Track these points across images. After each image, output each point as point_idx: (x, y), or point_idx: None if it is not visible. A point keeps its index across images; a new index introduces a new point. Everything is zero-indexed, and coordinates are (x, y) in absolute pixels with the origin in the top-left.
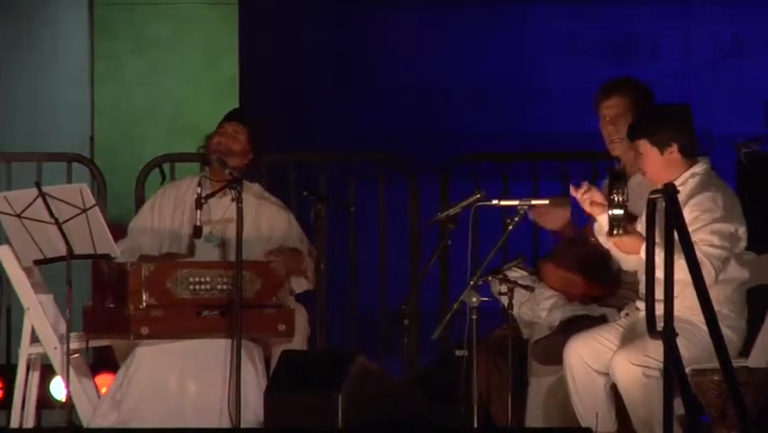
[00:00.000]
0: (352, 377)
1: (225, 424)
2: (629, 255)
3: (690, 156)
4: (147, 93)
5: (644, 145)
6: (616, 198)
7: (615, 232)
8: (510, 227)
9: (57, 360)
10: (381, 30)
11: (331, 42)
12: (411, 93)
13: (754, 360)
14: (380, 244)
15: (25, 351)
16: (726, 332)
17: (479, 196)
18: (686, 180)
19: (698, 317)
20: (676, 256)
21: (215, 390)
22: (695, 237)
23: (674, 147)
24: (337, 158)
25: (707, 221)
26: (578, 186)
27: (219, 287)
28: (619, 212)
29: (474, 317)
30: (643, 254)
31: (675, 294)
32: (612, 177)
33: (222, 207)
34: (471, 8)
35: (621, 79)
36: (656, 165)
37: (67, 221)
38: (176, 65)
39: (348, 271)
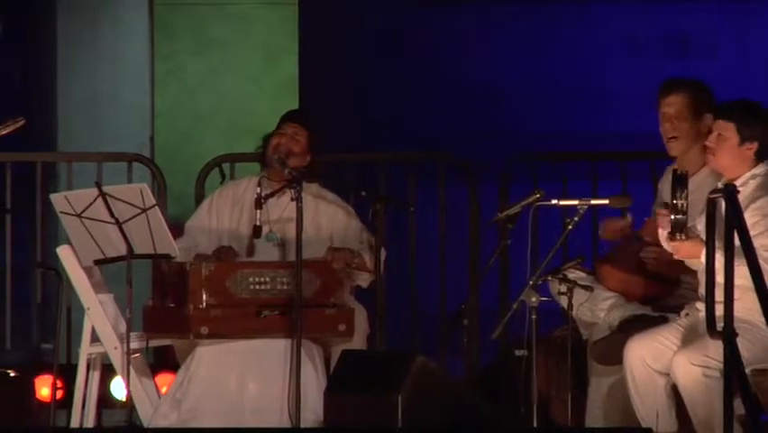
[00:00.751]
0: (412, 377)
1: (285, 424)
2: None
3: (760, 158)
4: (207, 93)
5: (728, 128)
6: (679, 203)
7: (677, 237)
8: (569, 227)
9: (117, 360)
10: (441, 30)
11: (391, 42)
12: (471, 93)
13: None
14: (440, 244)
15: (85, 351)
16: None
17: (538, 196)
18: (746, 182)
19: (758, 318)
20: (736, 261)
21: (275, 389)
22: (756, 243)
23: (755, 144)
24: (397, 158)
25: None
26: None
27: (279, 287)
28: (682, 217)
29: (534, 316)
30: (703, 257)
31: (735, 297)
32: (675, 181)
33: (280, 206)
34: (530, 7)
35: (681, 78)
36: (729, 153)
37: (127, 221)
38: (236, 66)
39: (408, 270)
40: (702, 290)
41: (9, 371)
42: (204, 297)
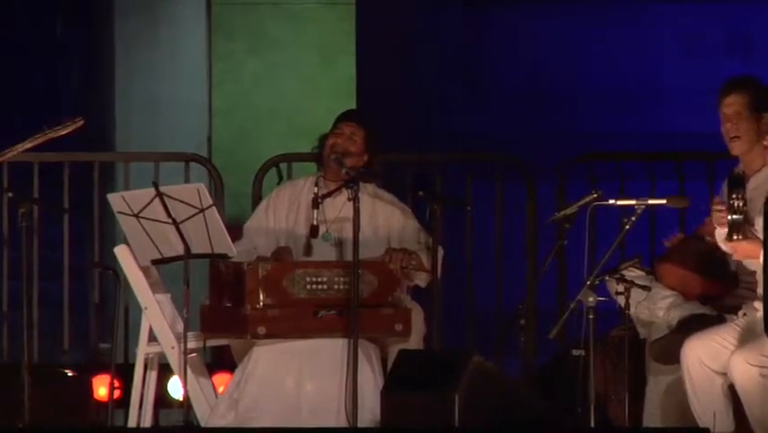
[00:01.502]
0: (469, 377)
1: (342, 424)
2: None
3: None
4: (264, 93)
5: None
6: (735, 204)
7: (734, 237)
8: (627, 227)
9: (174, 359)
10: (499, 30)
11: (448, 43)
12: (528, 93)
13: None
14: (497, 244)
15: (143, 350)
16: None
17: (595, 195)
18: None
19: None
20: None
21: (332, 389)
22: None
23: None
24: (454, 158)
25: None
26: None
27: (336, 286)
28: (739, 217)
29: (591, 316)
30: (762, 257)
31: None
32: (731, 181)
33: (337, 206)
34: (588, 8)
35: (741, 78)
36: None
37: (184, 221)
38: (293, 65)
39: (464, 270)
40: (760, 290)
41: (67, 370)
42: (261, 297)
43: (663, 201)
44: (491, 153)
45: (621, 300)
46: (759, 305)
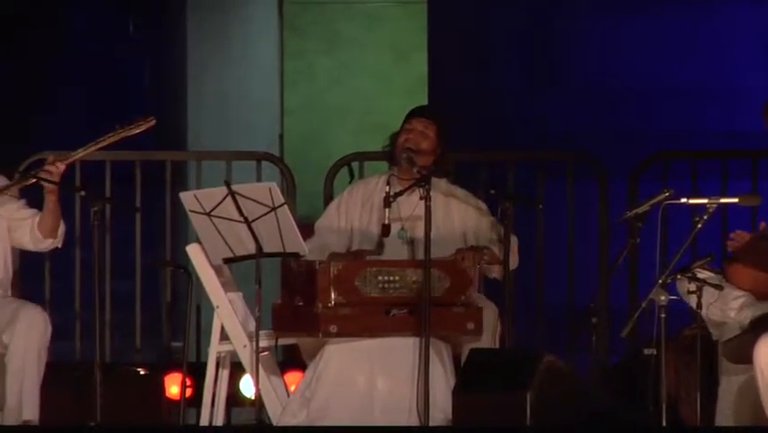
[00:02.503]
0: (541, 376)
1: (414, 422)
2: None
3: None
4: (336, 92)
5: None
6: None
7: None
8: (699, 226)
9: (246, 358)
10: (572, 27)
11: (521, 40)
12: (601, 91)
13: None
14: (569, 243)
15: (215, 349)
16: None
17: (667, 194)
18: None
19: None
20: None
21: (404, 388)
22: None
23: None
24: (526, 156)
25: None
26: None
27: (408, 285)
28: None
29: (663, 315)
30: None
31: None
32: None
33: (411, 204)
34: (664, 6)
35: None
36: None
37: (256, 219)
38: (365, 64)
39: (536, 269)
40: None
41: (139, 369)
42: (333, 295)
43: (736, 200)
44: (563, 151)
45: (693, 300)
46: None
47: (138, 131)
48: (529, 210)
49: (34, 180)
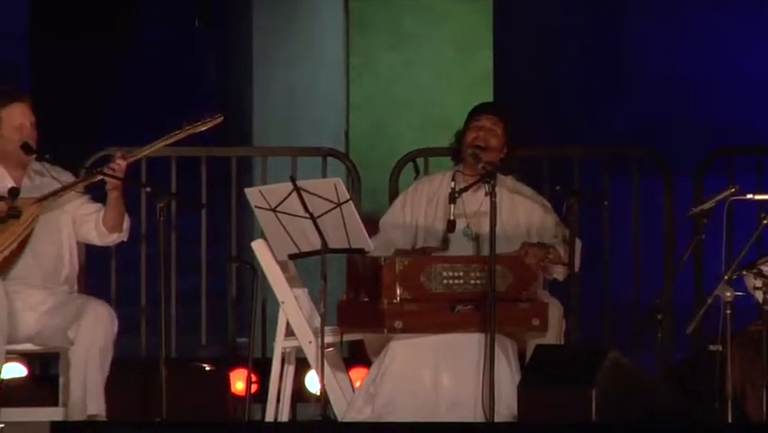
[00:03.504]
0: (606, 372)
1: (479, 418)
2: None
3: None
4: (402, 88)
5: None
6: None
7: None
8: (765, 222)
9: (311, 354)
10: (637, 23)
11: (586, 36)
12: (666, 86)
13: None
14: (634, 239)
15: (280, 345)
16: None
17: (733, 190)
18: None
19: None
20: None
21: (469, 384)
22: None
23: None
24: (591, 152)
25: None
26: None
27: (472, 281)
28: None
29: (728, 311)
30: None
31: None
32: None
33: (477, 200)
34: (728, 0)
35: None
36: None
37: (321, 215)
38: (430, 60)
39: (601, 265)
40: None
41: (205, 365)
42: (398, 291)
43: None
44: (629, 147)
45: (759, 296)
46: None
47: (204, 128)
48: (594, 207)
49: (100, 177)
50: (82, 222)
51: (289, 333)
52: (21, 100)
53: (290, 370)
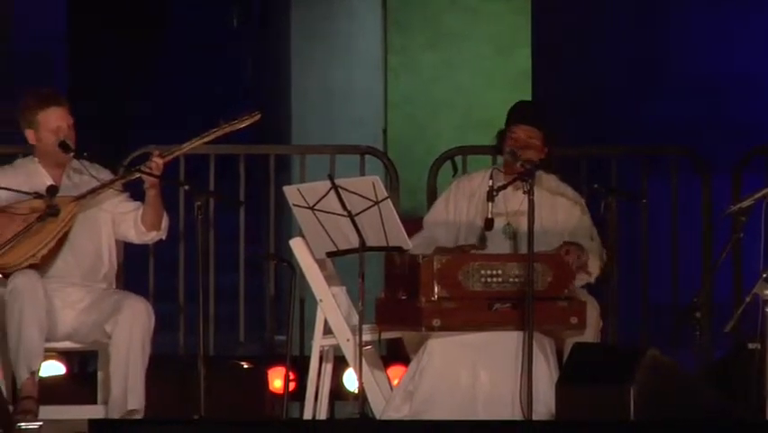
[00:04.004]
0: (644, 370)
1: (517, 416)
2: None
3: None
4: (440, 86)
5: None
6: None
7: None
8: None
9: (349, 352)
10: (675, 21)
11: (624, 34)
12: (703, 85)
13: None
14: (672, 237)
15: (318, 343)
16: None
17: None
18: None
19: None
20: None
21: (507, 382)
22: None
23: None
24: (629, 151)
25: None
26: None
27: (511, 279)
28: None
29: (767, 309)
30: None
31: None
32: None
33: (517, 199)
34: None
35: None
36: None
37: (359, 213)
38: (468, 59)
39: (639, 263)
40: None
41: (243, 363)
42: (436, 289)
43: None
44: (666, 146)
45: None
46: None
47: (242, 126)
48: (632, 205)
49: (137, 175)
50: (120, 220)
51: (327, 331)
52: (58, 104)
53: (328, 368)
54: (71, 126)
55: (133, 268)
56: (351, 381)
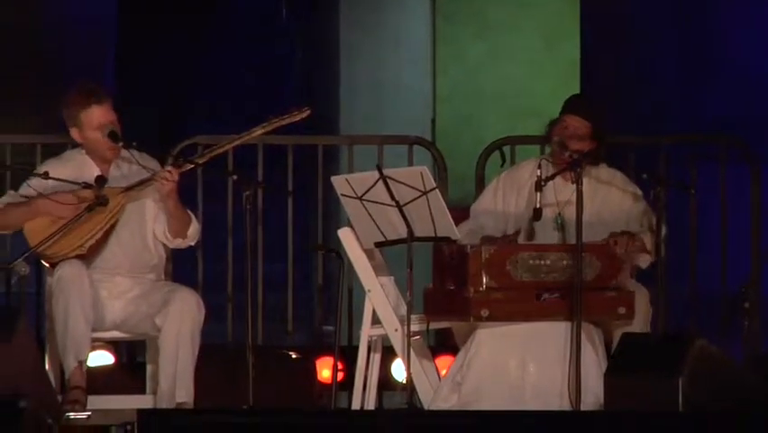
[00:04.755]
0: (693, 360)
1: (566, 407)
2: None
3: None
4: (488, 77)
5: None
6: None
7: None
8: None
9: (398, 342)
10: (725, 12)
11: (673, 24)
12: (753, 75)
13: None
14: (721, 227)
15: (366, 333)
16: None
17: None
18: None
19: None
20: None
21: (555, 373)
22: None
23: None
24: (678, 140)
25: None
26: None
27: (559, 269)
28: None
29: None
30: None
31: None
32: None
33: (568, 189)
34: None
35: None
36: None
37: (407, 204)
38: (517, 49)
39: (688, 253)
40: None
41: (291, 353)
42: (484, 279)
43: None
44: (716, 136)
45: None
46: None
47: (291, 121)
48: (681, 195)
49: (151, 184)
50: (157, 222)
51: (376, 321)
52: (99, 102)
53: (376, 358)
54: (114, 122)
55: (182, 258)
56: (399, 371)
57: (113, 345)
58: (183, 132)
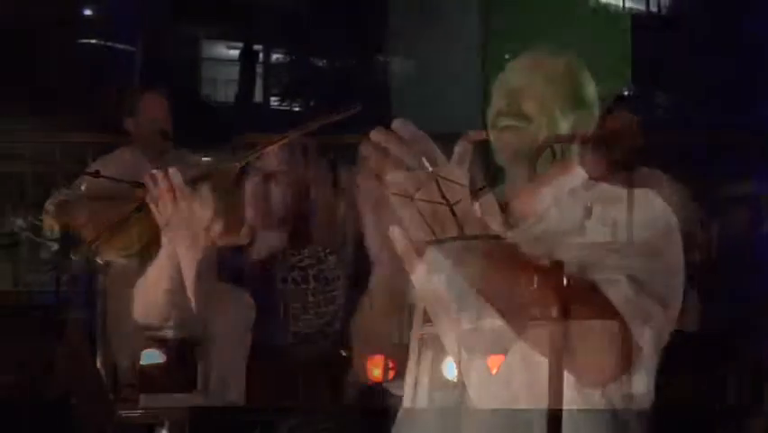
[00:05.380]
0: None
1: None
2: None
3: None
4: None
5: None
6: None
7: None
8: None
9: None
10: None
11: None
12: None
13: None
14: None
15: (418, 331)
16: None
17: None
18: None
19: None
20: None
21: None
22: None
23: None
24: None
25: None
26: None
27: None
28: None
29: None
30: None
31: None
32: None
33: None
34: None
35: None
36: None
37: (457, 203)
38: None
39: (739, 254)
40: None
41: (341, 350)
42: (535, 279)
43: None
44: None
45: None
46: None
47: (340, 117)
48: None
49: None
50: None
51: (427, 319)
52: (156, 92)
53: (428, 356)
54: (168, 118)
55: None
56: (450, 370)
57: (164, 344)
58: (234, 129)
